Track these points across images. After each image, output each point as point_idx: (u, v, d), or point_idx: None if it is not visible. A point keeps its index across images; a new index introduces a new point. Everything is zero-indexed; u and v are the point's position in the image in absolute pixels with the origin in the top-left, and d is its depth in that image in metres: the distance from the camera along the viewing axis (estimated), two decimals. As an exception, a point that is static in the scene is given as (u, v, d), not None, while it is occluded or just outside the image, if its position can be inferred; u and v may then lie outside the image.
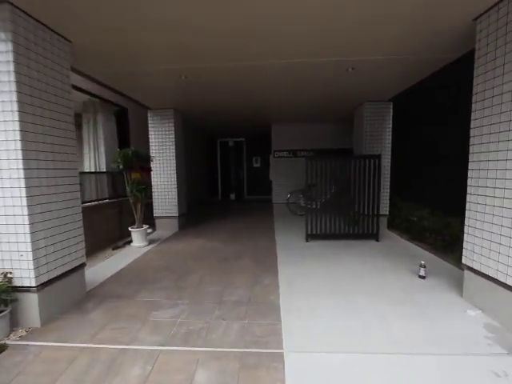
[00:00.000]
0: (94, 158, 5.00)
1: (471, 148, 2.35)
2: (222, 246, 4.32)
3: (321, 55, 2.96)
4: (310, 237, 4.46)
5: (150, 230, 5.19)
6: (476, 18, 2.29)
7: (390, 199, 5.13)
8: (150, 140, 5.21)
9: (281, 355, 1.79)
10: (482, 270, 2.20)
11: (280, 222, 6.05)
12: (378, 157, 4.30)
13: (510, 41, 1.98)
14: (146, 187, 4.20)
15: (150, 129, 5.19)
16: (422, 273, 2.86)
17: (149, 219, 5.49)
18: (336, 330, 2.04)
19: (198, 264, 3.53)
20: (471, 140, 2.34)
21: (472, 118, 2.35)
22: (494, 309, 2.11)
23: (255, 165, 9.73)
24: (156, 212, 5.37)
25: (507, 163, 1.98)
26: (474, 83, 2.32)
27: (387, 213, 5.11)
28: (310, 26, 2.36)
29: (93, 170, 4.95)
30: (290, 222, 6.02)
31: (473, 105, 2.34)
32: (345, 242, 4.34)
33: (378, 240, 4.37)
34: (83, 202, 4.01)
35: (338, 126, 7.24)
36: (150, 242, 4.59)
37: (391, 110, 5.04)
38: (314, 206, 4.70)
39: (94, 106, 4.96)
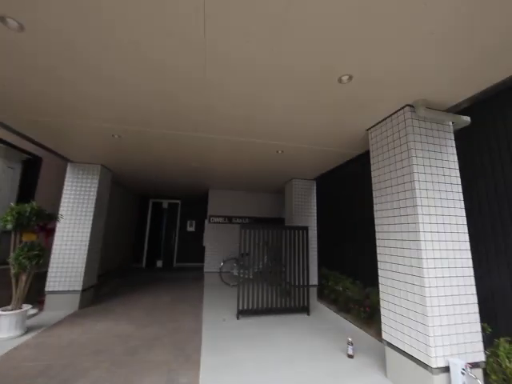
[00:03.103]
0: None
1: (377, 228, 2.74)
2: (133, 331, 3.49)
3: (255, 137, 3.34)
4: (242, 313, 4.07)
5: (33, 311, 3.94)
6: (368, 129, 3.04)
7: (319, 269, 5.38)
8: (64, 195, 4.46)
9: None
10: (400, 347, 2.28)
11: (210, 295, 5.47)
12: (306, 228, 4.64)
13: (387, 150, 2.65)
14: (40, 253, 3.32)
15: (66, 183, 4.51)
16: (350, 351, 2.80)
17: (36, 295, 4.22)
18: None
19: (93, 361, 2.67)
20: (376, 222, 2.76)
21: (374, 202, 2.83)
22: (415, 390, 2.12)
23: (189, 229, 9.22)
24: (50, 285, 4.18)
25: (402, 243, 2.35)
26: (372, 176, 2.90)
27: (316, 283, 5.26)
28: (244, 112, 2.70)
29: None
30: (221, 295, 5.50)
31: (373, 192, 2.86)
32: (277, 318, 4.09)
33: (308, 314, 4.29)
34: None
35: (273, 196, 7.81)
36: (29, 329, 3.39)
37: (315, 188, 5.80)
38: (247, 276, 4.49)
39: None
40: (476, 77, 2.01)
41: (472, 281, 2.22)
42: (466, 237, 2.32)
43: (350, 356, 2.79)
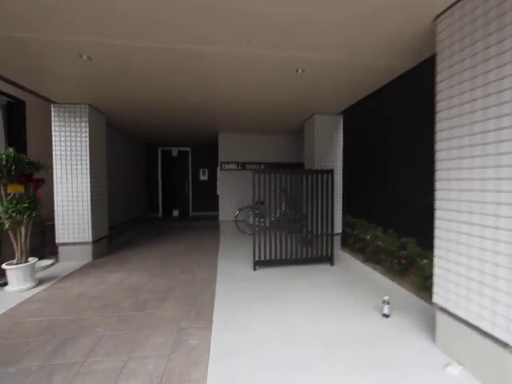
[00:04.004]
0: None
1: (438, 165, 1.98)
2: (145, 282, 3.31)
3: (268, 44, 2.40)
4: (259, 264, 3.77)
5: (49, 262, 3.89)
6: (437, 17, 2.01)
7: (343, 216, 4.85)
8: (54, 143, 3.97)
9: None
10: (460, 315, 1.77)
11: (226, 244, 5.27)
12: (331, 172, 3.93)
13: (470, 43, 1.69)
14: (32, 205, 2.99)
15: (53, 128, 3.95)
16: (385, 311, 2.38)
17: (51, 247, 4.16)
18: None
19: (99, 316, 2.48)
20: (437, 156, 1.99)
21: (436, 129, 2.01)
22: (481, 366, 1.66)
23: (202, 178, 8.80)
24: (60, 238, 4.04)
25: (483, 183, 1.62)
26: (438, 90, 2.01)
27: (340, 231, 4.79)
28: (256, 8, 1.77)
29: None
30: (237, 244, 5.28)
31: (437, 115, 2.01)
32: (297, 269, 3.76)
33: (332, 264, 3.92)
34: None
35: (291, 138, 6.92)
36: (42, 281, 3.31)
37: (341, 124, 4.85)
38: (263, 224, 4.09)
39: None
40: None
41: None
42: None
43: (386, 315, 2.39)
